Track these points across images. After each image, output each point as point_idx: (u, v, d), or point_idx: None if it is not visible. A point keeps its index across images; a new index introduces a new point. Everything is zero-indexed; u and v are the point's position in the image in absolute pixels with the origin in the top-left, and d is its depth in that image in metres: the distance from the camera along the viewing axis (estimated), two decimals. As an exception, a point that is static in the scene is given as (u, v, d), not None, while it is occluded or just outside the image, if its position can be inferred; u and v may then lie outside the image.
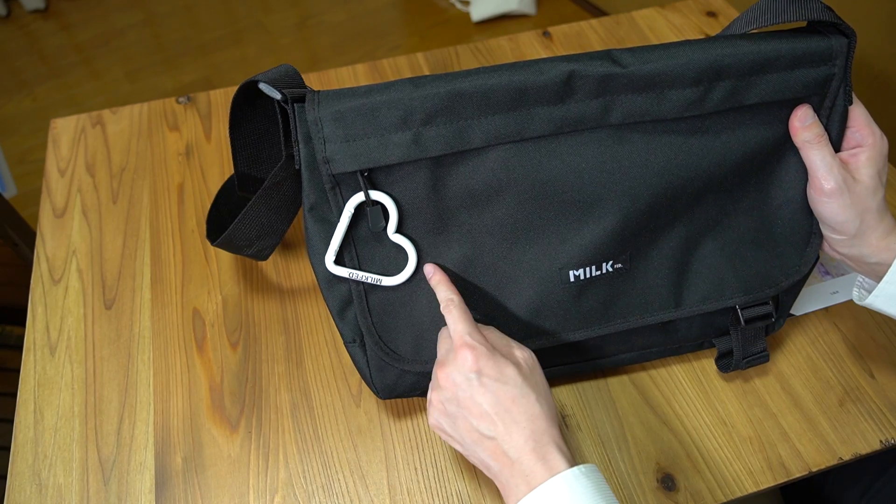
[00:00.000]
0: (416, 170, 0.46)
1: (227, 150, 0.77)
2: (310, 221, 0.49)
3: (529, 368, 0.44)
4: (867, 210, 0.48)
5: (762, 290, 0.53)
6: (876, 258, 0.48)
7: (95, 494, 0.54)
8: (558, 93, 0.45)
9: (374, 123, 0.44)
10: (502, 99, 0.45)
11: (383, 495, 0.53)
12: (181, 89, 1.95)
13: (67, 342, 0.62)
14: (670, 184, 0.49)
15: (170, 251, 0.68)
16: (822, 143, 0.48)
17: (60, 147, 0.78)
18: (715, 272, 0.52)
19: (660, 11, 0.95)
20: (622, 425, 0.57)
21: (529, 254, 0.49)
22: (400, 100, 0.44)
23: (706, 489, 0.53)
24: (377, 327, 0.50)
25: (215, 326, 0.63)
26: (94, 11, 2.23)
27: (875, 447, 0.55)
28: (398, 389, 0.53)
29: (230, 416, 0.57)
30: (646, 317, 0.53)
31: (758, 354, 0.56)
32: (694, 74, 0.46)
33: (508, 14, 2.12)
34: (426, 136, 0.45)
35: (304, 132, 0.45)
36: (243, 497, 0.53)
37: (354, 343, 0.52)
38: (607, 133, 0.47)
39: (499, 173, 0.47)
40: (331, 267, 0.48)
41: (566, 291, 0.50)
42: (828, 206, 0.48)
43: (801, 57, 0.46)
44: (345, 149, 0.45)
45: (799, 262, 0.53)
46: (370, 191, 0.46)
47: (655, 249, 0.51)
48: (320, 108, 0.44)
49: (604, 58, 0.46)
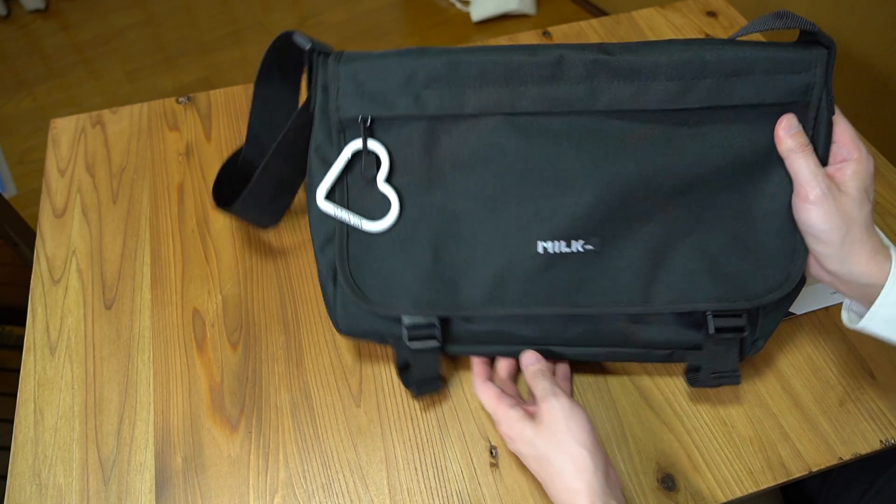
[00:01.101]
0: (413, 127, 0.51)
1: (227, 150, 0.78)
2: (314, 160, 0.53)
3: (558, 420, 0.48)
4: (853, 221, 0.46)
5: (737, 301, 0.51)
6: (866, 279, 0.46)
7: (95, 494, 0.54)
8: (549, 73, 0.49)
9: (383, 81, 0.50)
10: (497, 72, 0.49)
11: (383, 495, 0.53)
12: (181, 89, 1.95)
13: (67, 342, 0.62)
14: (649, 174, 0.50)
15: (170, 251, 0.68)
16: (806, 152, 0.48)
17: (60, 147, 0.78)
18: (689, 274, 0.51)
19: (660, 11, 0.95)
20: (622, 425, 0.57)
21: (504, 221, 0.51)
22: (407, 63, 0.50)
23: (706, 489, 0.53)
24: (350, 266, 0.53)
25: (215, 326, 0.63)
26: (94, 11, 2.23)
27: (875, 447, 0.55)
28: (357, 329, 0.56)
29: (230, 416, 0.57)
30: (611, 307, 0.52)
31: (727, 373, 0.54)
32: (677, 68, 0.48)
33: (508, 14, 2.12)
34: (425, 97, 0.50)
35: (323, 82, 0.52)
36: (243, 497, 0.53)
37: (328, 277, 0.55)
38: (593, 118, 0.50)
39: (488, 141, 0.50)
40: (320, 202, 0.52)
41: (534, 262, 0.51)
42: (812, 212, 0.47)
43: (780, 62, 0.48)
44: (354, 100, 0.51)
45: (781, 279, 0.51)
46: (368, 139, 0.51)
47: (630, 240, 0.51)
48: (341, 65, 0.51)
49: (595, 48, 0.50)
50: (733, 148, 0.50)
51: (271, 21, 2.17)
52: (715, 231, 0.51)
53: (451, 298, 0.52)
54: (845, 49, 1.24)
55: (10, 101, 1.93)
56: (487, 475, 0.54)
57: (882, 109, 1.21)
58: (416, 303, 0.52)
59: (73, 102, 1.92)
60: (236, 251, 0.68)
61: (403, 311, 0.52)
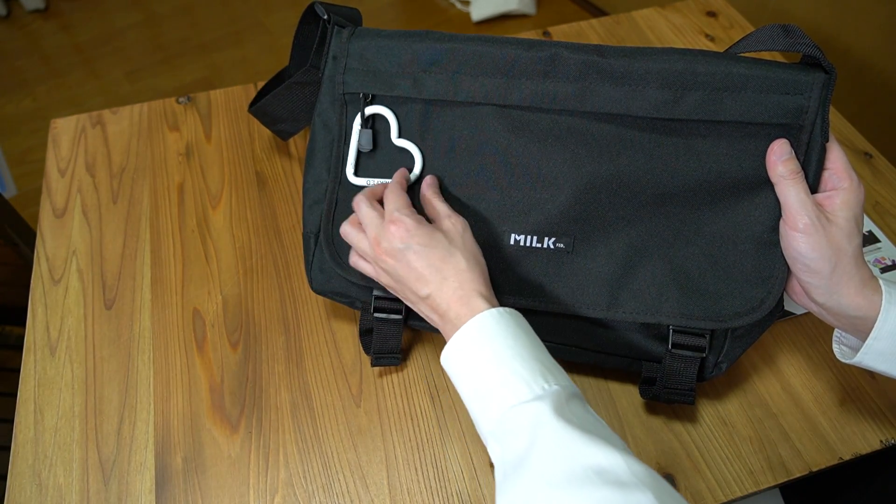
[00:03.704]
0: (409, 108, 0.54)
1: (226, 150, 0.78)
2: (317, 124, 0.57)
3: (458, 234, 0.50)
4: (842, 252, 0.46)
5: (703, 320, 0.50)
6: (855, 311, 0.46)
7: (95, 494, 0.54)
8: (543, 69, 0.51)
9: (387, 61, 0.54)
10: (493, 63, 0.51)
11: (383, 495, 0.53)
12: (181, 89, 1.95)
13: (67, 342, 0.62)
14: (630, 181, 0.50)
15: (170, 251, 0.68)
16: (797, 180, 0.47)
17: (60, 147, 0.78)
18: (658, 286, 0.51)
19: (660, 11, 0.95)
20: (622, 425, 0.57)
21: (482, 209, 0.53)
22: (411, 45, 0.53)
23: (706, 489, 0.53)
24: (333, 232, 0.56)
25: (215, 326, 0.63)
26: (94, 11, 2.23)
27: (875, 447, 0.55)
28: (329, 290, 0.58)
29: (230, 416, 0.57)
30: (574, 308, 0.52)
31: (682, 391, 0.53)
32: (668, 77, 0.49)
33: (508, 14, 2.12)
34: (423, 80, 0.53)
35: (335, 52, 0.56)
36: (243, 497, 0.53)
37: (311, 235, 0.58)
38: (581, 119, 0.51)
39: (477, 130, 0.53)
40: (351, 178, 0.56)
41: (505, 253, 0.53)
42: (801, 241, 0.46)
43: (775, 81, 0.48)
44: (358, 76, 0.55)
45: (753, 304, 0.50)
46: (373, 105, 0.55)
47: (602, 244, 0.51)
48: (351, 40, 0.55)
49: (591, 49, 0.51)
50: (720, 165, 0.49)
51: (271, 21, 2.18)
52: (691, 247, 0.51)
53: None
54: (845, 49, 1.24)
55: (10, 101, 1.93)
56: (487, 475, 0.54)
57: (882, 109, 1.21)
58: None
59: (73, 102, 1.92)
60: (236, 251, 0.68)
61: (374, 284, 0.54)
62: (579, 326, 0.54)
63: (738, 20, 0.93)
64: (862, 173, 0.74)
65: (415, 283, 0.48)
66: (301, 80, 0.63)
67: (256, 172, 0.75)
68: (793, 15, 1.32)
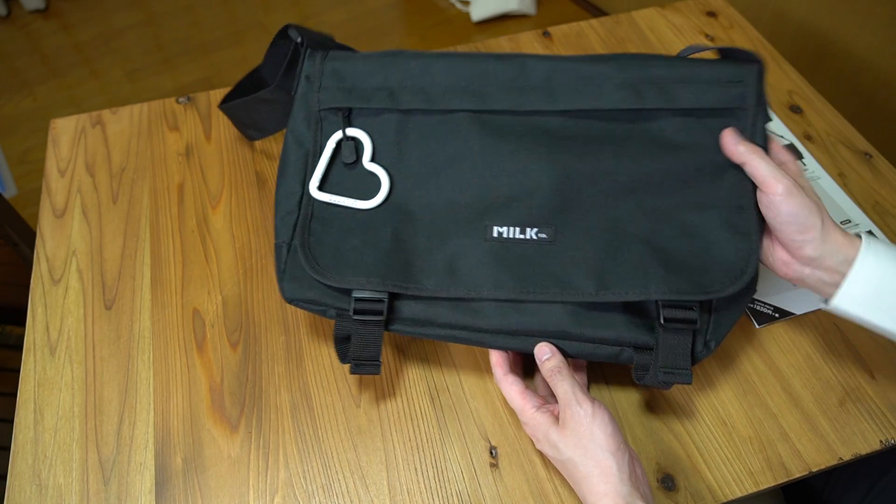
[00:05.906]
0: (386, 118, 0.57)
1: (226, 150, 0.78)
2: (290, 140, 0.59)
3: (587, 430, 0.48)
4: (821, 204, 0.49)
5: (689, 294, 0.51)
6: (844, 254, 0.47)
7: (95, 494, 0.54)
8: (513, 75, 0.55)
9: (362, 79, 0.57)
10: (466, 75, 0.55)
11: (383, 495, 0.53)
12: (181, 89, 1.95)
13: (67, 342, 0.62)
14: (604, 170, 0.54)
15: (170, 251, 0.68)
16: (759, 152, 0.50)
17: (60, 147, 0.78)
18: (641, 266, 0.52)
19: (660, 11, 0.95)
20: (622, 425, 0.57)
21: (464, 207, 0.55)
22: (385, 64, 0.56)
23: (706, 489, 0.53)
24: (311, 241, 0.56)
25: (215, 327, 0.63)
26: (94, 11, 2.23)
27: (875, 447, 0.55)
28: (300, 296, 0.56)
29: (230, 416, 0.57)
30: (562, 295, 0.52)
31: (678, 370, 0.52)
32: (629, 73, 0.54)
33: (508, 14, 2.12)
34: (398, 93, 0.56)
35: (307, 73, 0.58)
36: (243, 497, 0.53)
37: (283, 245, 0.57)
38: (553, 118, 0.55)
39: (454, 135, 0.55)
40: (315, 192, 0.56)
41: (488, 246, 0.53)
42: (789, 204, 0.48)
43: (719, 73, 0.54)
44: (334, 93, 0.57)
45: (734, 274, 0.51)
46: (348, 128, 0.57)
47: (582, 232, 0.53)
48: (325, 62, 0.58)
49: (556, 56, 0.56)
50: (684, 151, 0.54)
51: (271, 21, 2.17)
52: (668, 228, 0.53)
53: (404, 275, 0.53)
54: (845, 49, 1.24)
55: (10, 101, 1.93)
56: (487, 475, 0.54)
57: (882, 109, 1.21)
58: (369, 275, 0.53)
59: (73, 102, 1.92)
60: (236, 251, 0.68)
61: (356, 284, 0.53)
62: (562, 319, 0.53)
63: (738, 20, 0.93)
64: (862, 173, 0.74)
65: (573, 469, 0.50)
66: (266, 98, 0.66)
67: (256, 172, 0.75)
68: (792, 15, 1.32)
